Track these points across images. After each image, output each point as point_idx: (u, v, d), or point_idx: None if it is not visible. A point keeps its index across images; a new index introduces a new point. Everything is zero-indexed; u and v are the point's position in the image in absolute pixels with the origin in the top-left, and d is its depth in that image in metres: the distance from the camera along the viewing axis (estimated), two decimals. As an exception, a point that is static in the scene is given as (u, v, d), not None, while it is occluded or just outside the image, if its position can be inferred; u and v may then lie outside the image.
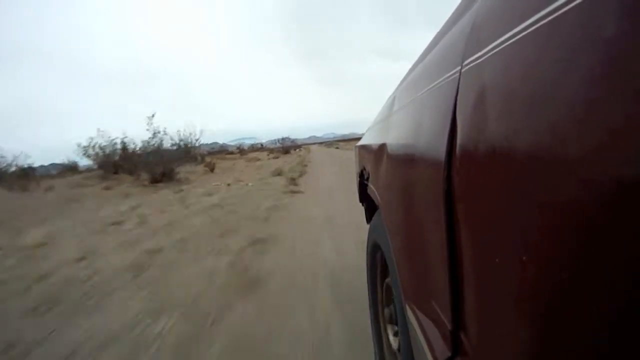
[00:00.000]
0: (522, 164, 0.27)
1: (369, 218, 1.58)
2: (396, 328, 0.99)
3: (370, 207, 1.50)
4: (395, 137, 0.81)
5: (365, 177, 1.36)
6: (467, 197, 0.38)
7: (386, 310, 1.07)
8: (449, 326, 0.41)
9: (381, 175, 0.94)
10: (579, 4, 0.22)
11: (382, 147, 0.93)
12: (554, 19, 0.24)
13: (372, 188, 1.15)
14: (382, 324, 1.15)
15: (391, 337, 1.02)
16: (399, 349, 0.93)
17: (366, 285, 1.36)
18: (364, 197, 1.50)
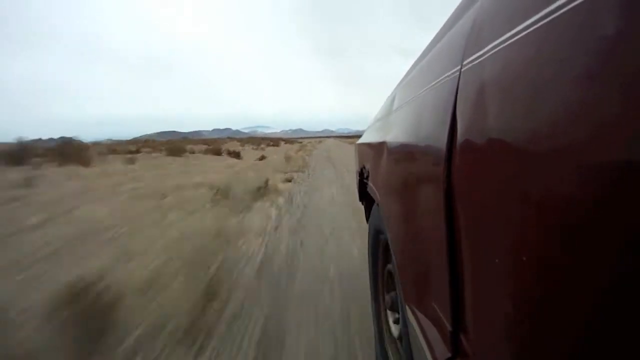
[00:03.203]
0: (523, 163, 0.27)
1: (368, 217, 1.58)
2: (397, 315, 1.00)
3: (369, 206, 1.50)
4: (395, 136, 0.81)
5: (365, 175, 1.35)
6: (467, 197, 0.38)
7: (387, 297, 1.07)
8: (449, 327, 0.41)
9: (381, 174, 0.94)
10: (578, 4, 0.22)
11: (382, 145, 0.93)
12: (553, 19, 0.24)
13: (371, 187, 1.15)
14: (382, 311, 1.15)
15: (392, 325, 1.02)
16: (399, 338, 0.93)
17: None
18: (364, 195, 1.50)
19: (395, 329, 0.99)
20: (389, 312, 1.06)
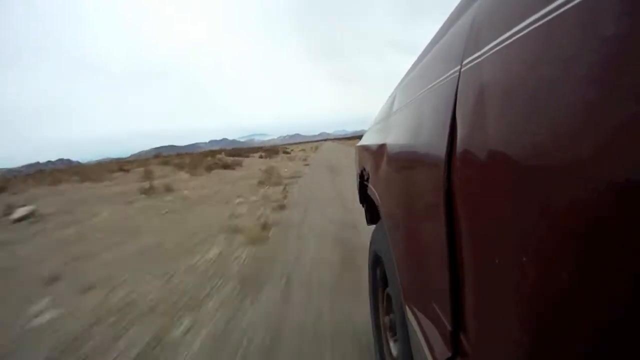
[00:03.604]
0: (522, 164, 0.27)
1: (369, 219, 1.58)
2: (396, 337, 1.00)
3: (370, 208, 1.50)
4: (395, 137, 0.81)
5: (365, 177, 1.35)
6: (467, 197, 0.38)
7: (386, 319, 1.08)
8: (449, 327, 0.41)
9: (381, 176, 0.94)
10: (578, 3, 0.22)
11: (382, 147, 0.93)
12: (552, 18, 0.24)
13: (372, 189, 1.15)
14: (383, 333, 1.16)
15: (391, 345, 1.03)
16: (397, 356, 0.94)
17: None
18: (364, 198, 1.50)
19: (394, 349, 1.00)
20: (388, 333, 1.08)
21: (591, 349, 0.22)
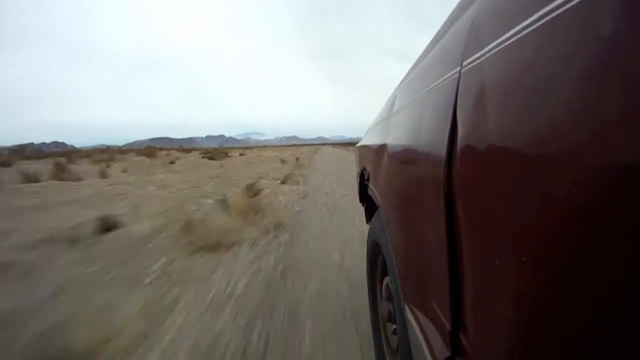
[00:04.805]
0: (523, 164, 0.27)
1: (368, 218, 1.58)
2: (394, 326, 1.00)
3: (370, 208, 1.50)
4: (395, 138, 0.81)
5: (366, 177, 1.35)
6: (468, 198, 0.38)
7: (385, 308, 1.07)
8: (448, 326, 0.41)
9: (381, 176, 0.94)
10: (577, 3, 0.22)
11: (383, 147, 0.93)
12: (552, 18, 0.24)
13: (372, 188, 1.15)
14: (381, 322, 1.15)
15: (390, 336, 1.02)
16: (397, 348, 0.93)
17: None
18: (364, 197, 1.50)
19: (393, 340, 1.00)
20: (387, 323, 1.06)
21: (590, 348, 0.22)
